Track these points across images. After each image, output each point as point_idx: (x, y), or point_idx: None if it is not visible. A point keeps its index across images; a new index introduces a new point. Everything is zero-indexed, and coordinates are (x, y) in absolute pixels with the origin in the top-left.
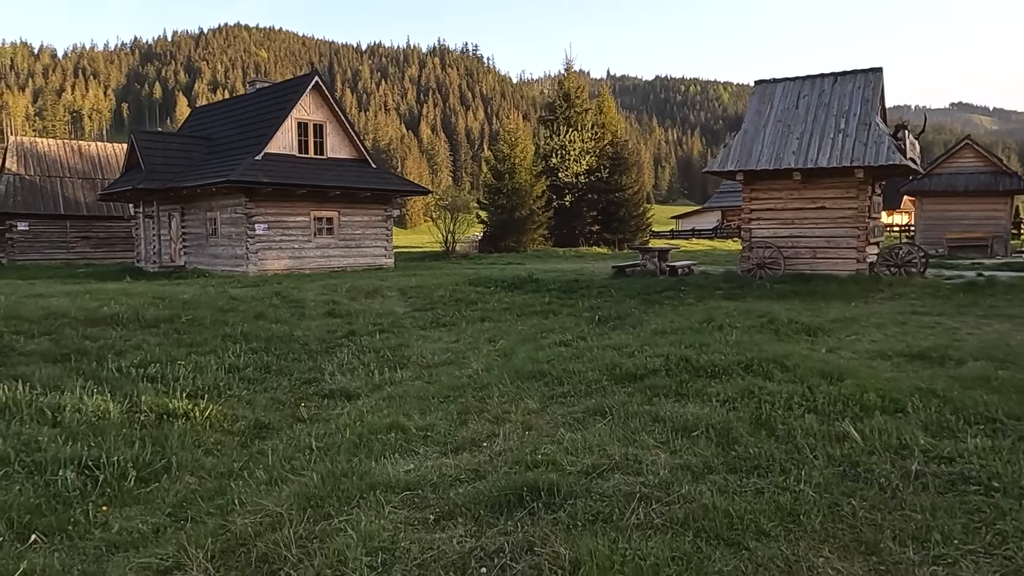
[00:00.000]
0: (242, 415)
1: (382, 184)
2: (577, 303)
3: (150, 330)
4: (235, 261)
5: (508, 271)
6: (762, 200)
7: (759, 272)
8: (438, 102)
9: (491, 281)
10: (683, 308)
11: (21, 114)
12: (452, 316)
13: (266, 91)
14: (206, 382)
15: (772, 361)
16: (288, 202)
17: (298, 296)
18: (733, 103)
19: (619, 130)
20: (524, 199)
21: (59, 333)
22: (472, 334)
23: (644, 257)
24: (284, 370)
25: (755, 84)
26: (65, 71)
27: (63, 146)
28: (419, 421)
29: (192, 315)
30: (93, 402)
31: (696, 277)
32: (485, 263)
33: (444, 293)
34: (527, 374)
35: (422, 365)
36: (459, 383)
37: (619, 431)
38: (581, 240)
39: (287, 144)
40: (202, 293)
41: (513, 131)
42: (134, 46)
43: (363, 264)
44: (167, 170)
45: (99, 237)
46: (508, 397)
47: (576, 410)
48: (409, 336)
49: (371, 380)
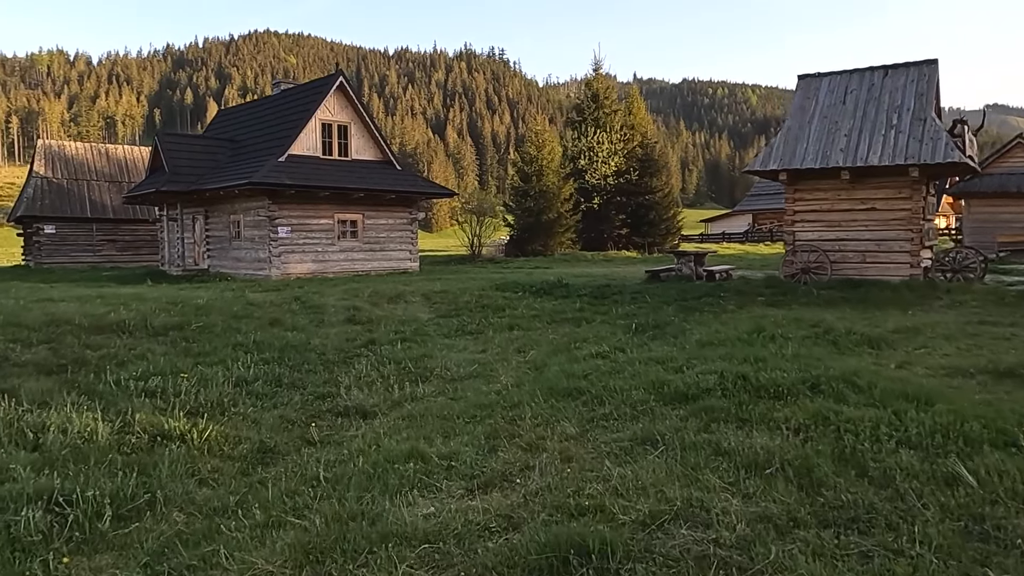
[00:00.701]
0: (246, 436)
1: (407, 186)
2: (610, 310)
3: (157, 338)
4: (258, 264)
5: (536, 275)
6: (807, 201)
7: (803, 277)
8: (464, 106)
9: (519, 286)
10: (725, 316)
11: (57, 120)
12: (478, 323)
13: (290, 92)
14: (210, 397)
15: (841, 379)
16: (311, 204)
17: (318, 301)
18: (761, 106)
19: (649, 131)
20: (551, 202)
21: (59, 341)
22: (500, 343)
23: (679, 261)
24: (297, 383)
25: (798, 79)
26: (99, 78)
27: (90, 149)
28: (442, 447)
29: (203, 322)
30: (81, 421)
31: (735, 282)
32: (511, 267)
33: (470, 299)
34: (562, 391)
35: (446, 378)
36: (487, 400)
37: (676, 466)
38: (609, 244)
39: (311, 145)
40: (218, 298)
41: (540, 132)
42: (166, 53)
43: (387, 268)
44: (191, 172)
45: (125, 240)
46: (542, 419)
47: (622, 437)
48: (433, 345)
49: (390, 395)
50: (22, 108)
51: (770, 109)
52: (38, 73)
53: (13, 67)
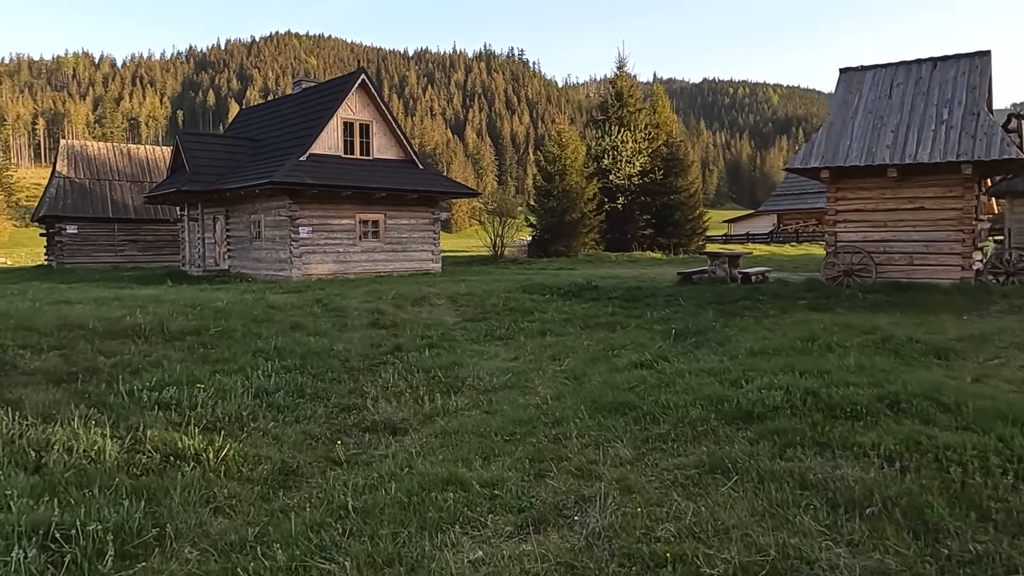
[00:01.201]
0: (266, 456)
1: (429, 185)
2: (645, 314)
3: (173, 344)
4: (278, 265)
5: (562, 277)
6: (850, 200)
7: (846, 280)
8: (484, 107)
9: (546, 288)
10: (768, 321)
11: (82, 121)
12: (508, 328)
13: (312, 91)
14: (228, 410)
15: (923, 396)
16: (333, 204)
17: (340, 304)
18: (783, 105)
19: (674, 130)
20: (575, 201)
21: (71, 348)
22: (532, 350)
23: (713, 263)
24: (320, 394)
25: (840, 72)
26: (124, 79)
27: (112, 149)
28: (482, 472)
29: (222, 326)
30: (88, 438)
31: (773, 285)
32: (535, 268)
33: (497, 301)
34: (608, 406)
35: (479, 389)
36: (526, 415)
37: (758, 502)
38: (634, 244)
39: (332, 144)
40: (238, 300)
41: (563, 131)
42: (189, 55)
43: (409, 269)
44: (212, 172)
45: (146, 240)
46: (590, 438)
47: (686, 463)
48: (462, 352)
49: (420, 408)
50: (48, 110)
51: (792, 109)
52: (64, 75)
53: (40, 69)
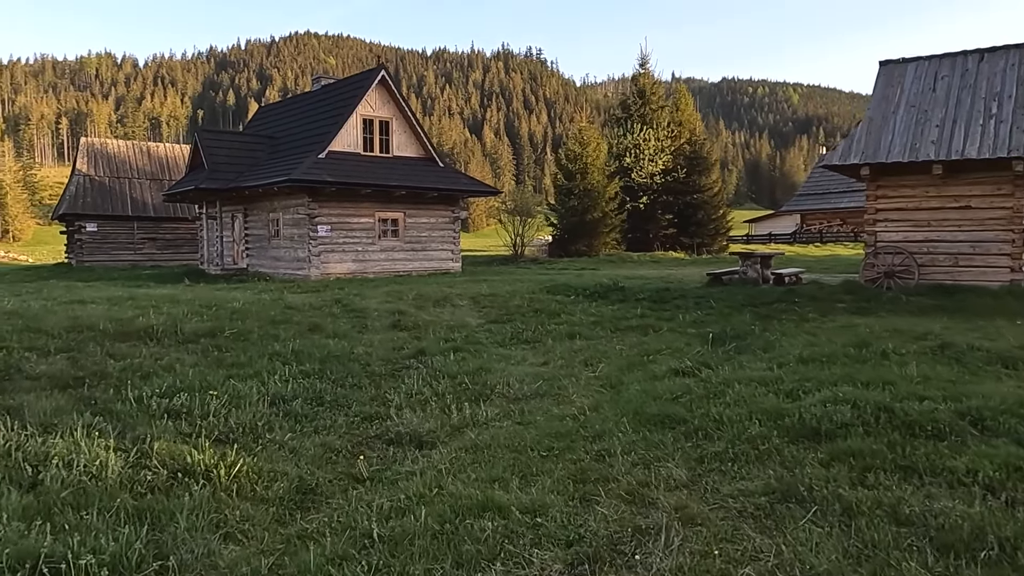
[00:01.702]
0: (282, 471)
1: (450, 184)
2: (676, 316)
3: (187, 346)
4: (297, 264)
5: (586, 277)
6: (891, 199)
7: (886, 282)
8: (501, 106)
9: (570, 289)
10: (809, 326)
11: (104, 121)
12: (535, 331)
13: (331, 87)
14: (242, 420)
15: (1009, 413)
16: (352, 202)
17: (360, 304)
18: (803, 104)
19: (697, 128)
20: (596, 201)
21: (80, 350)
22: (562, 354)
23: (744, 264)
24: (340, 401)
25: (880, 65)
26: (145, 80)
27: (132, 147)
28: (521, 495)
29: (238, 328)
30: (91, 451)
31: (808, 287)
32: (557, 268)
33: (521, 302)
34: (653, 418)
35: (509, 397)
36: (563, 428)
37: (848, 541)
38: (656, 244)
39: (351, 142)
40: (255, 301)
41: (585, 129)
42: (209, 55)
43: (429, 268)
44: (230, 170)
45: (165, 239)
46: (638, 456)
47: (751, 489)
48: (488, 356)
49: (448, 419)
50: (71, 110)
51: (812, 108)
52: (87, 75)
53: (63, 70)
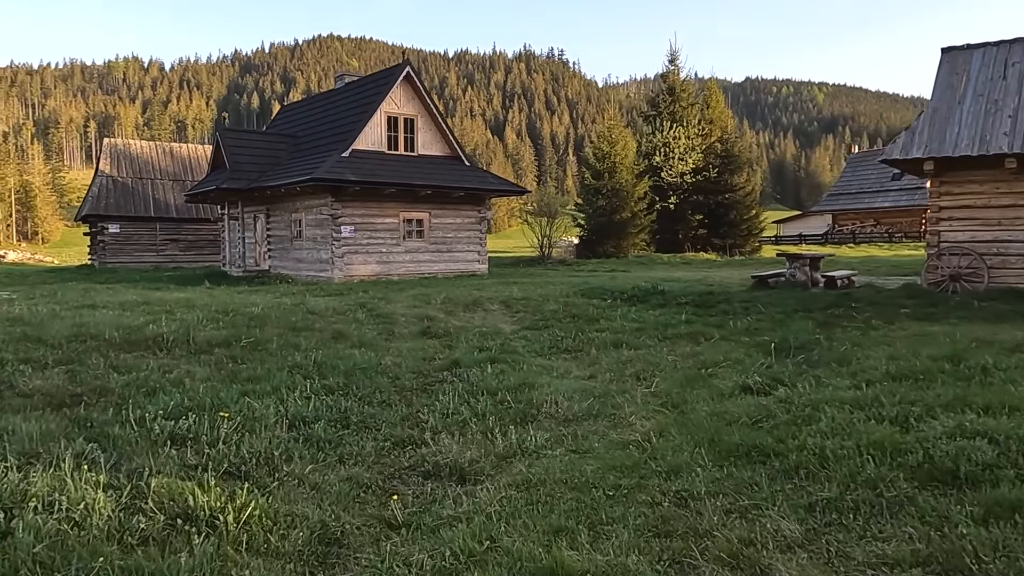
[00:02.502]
0: (302, 515)
1: (477, 183)
2: (726, 323)
3: (199, 358)
4: (320, 266)
5: (620, 280)
6: (956, 195)
7: (952, 286)
8: (523, 107)
9: (605, 292)
10: (877, 334)
11: (131, 124)
12: (575, 339)
13: (354, 85)
14: (256, 448)
15: None
16: (376, 202)
17: (386, 309)
18: (828, 104)
19: (728, 126)
20: (625, 200)
21: (81, 362)
22: (609, 366)
23: (792, 265)
24: (368, 422)
25: (942, 52)
26: (171, 83)
27: (155, 148)
28: (595, 555)
29: (256, 336)
30: (77, 489)
31: (863, 291)
32: (586, 270)
33: (556, 307)
34: (734, 449)
35: (558, 418)
36: (627, 459)
37: None
38: (686, 245)
39: (375, 140)
40: (275, 305)
41: (613, 127)
42: (234, 58)
43: (455, 270)
44: (252, 169)
45: (188, 240)
46: (729, 500)
47: (896, 556)
48: (528, 368)
49: (492, 445)
50: (99, 113)
51: (838, 107)
52: (114, 79)
53: (92, 74)
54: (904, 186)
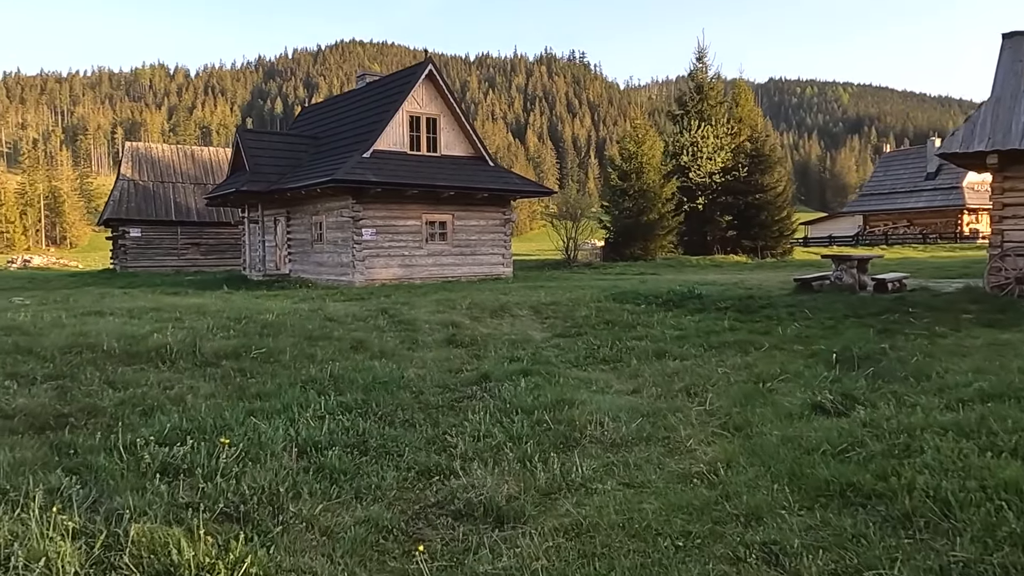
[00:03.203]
0: (308, 570)
1: (501, 184)
2: (773, 330)
3: (205, 371)
4: (340, 270)
5: (651, 284)
6: (1021, 192)
7: (1018, 288)
8: (544, 110)
9: (638, 296)
10: (946, 343)
11: (157, 130)
12: (612, 348)
13: (376, 84)
14: (259, 482)
15: None
16: (398, 204)
17: (409, 315)
18: (854, 104)
19: (758, 124)
20: (652, 201)
21: (74, 377)
22: (654, 379)
23: (839, 268)
24: (389, 447)
25: (1004, 38)
26: (196, 89)
27: (176, 151)
28: None
29: (268, 346)
30: (43, 538)
31: (917, 295)
32: (614, 273)
33: (588, 312)
34: (822, 486)
35: (604, 443)
36: (694, 497)
37: None
38: (716, 247)
39: (397, 140)
40: (292, 312)
41: (640, 127)
42: (258, 64)
43: (479, 274)
44: (272, 171)
45: (209, 244)
46: (833, 559)
47: None
48: (565, 382)
49: (532, 477)
50: (126, 120)
51: (863, 107)
52: (141, 86)
53: (119, 81)
54: (938, 186)
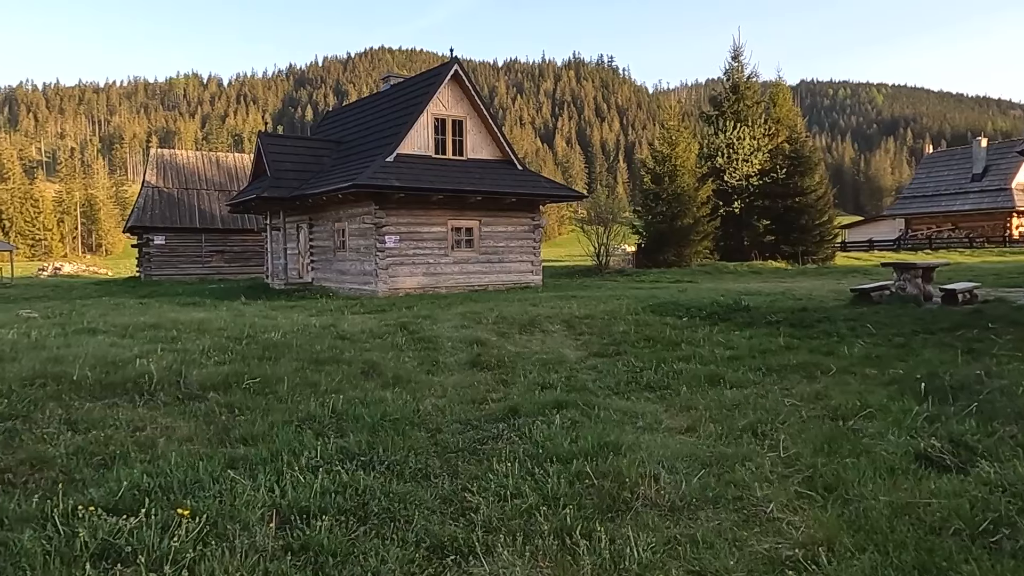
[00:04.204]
0: None
1: (530, 188)
2: (837, 349)
3: (187, 406)
4: (363, 278)
5: (691, 293)
6: None
7: None
8: (573, 115)
9: (679, 308)
10: None
11: (191, 139)
12: (657, 371)
13: (400, 86)
14: (223, 570)
15: None
16: (423, 209)
17: (430, 331)
18: (888, 106)
19: (797, 125)
20: (687, 205)
21: (29, 417)
22: (711, 413)
23: (902, 276)
24: (395, 509)
25: None
26: (229, 98)
27: (201, 157)
28: None
29: (266, 373)
30: None
31: (994, 306)
32: (648, 281)
33: (626, 328)
34: None
35: (661, 505)
36: None
37: None
38: (753, 253)
39: (422, 143)
40: (302, 328)
41: (673, 128)
42: (289, 72)
43: (507, 282)
44: (295, 177)
45: (234, 251)
46: None
47: None
48: (607, 417)
49: (573, 562)
50: (161, 128)
51: (898, 109)
52: (175, 96)
53: (154, 91)
54: (985, 188)
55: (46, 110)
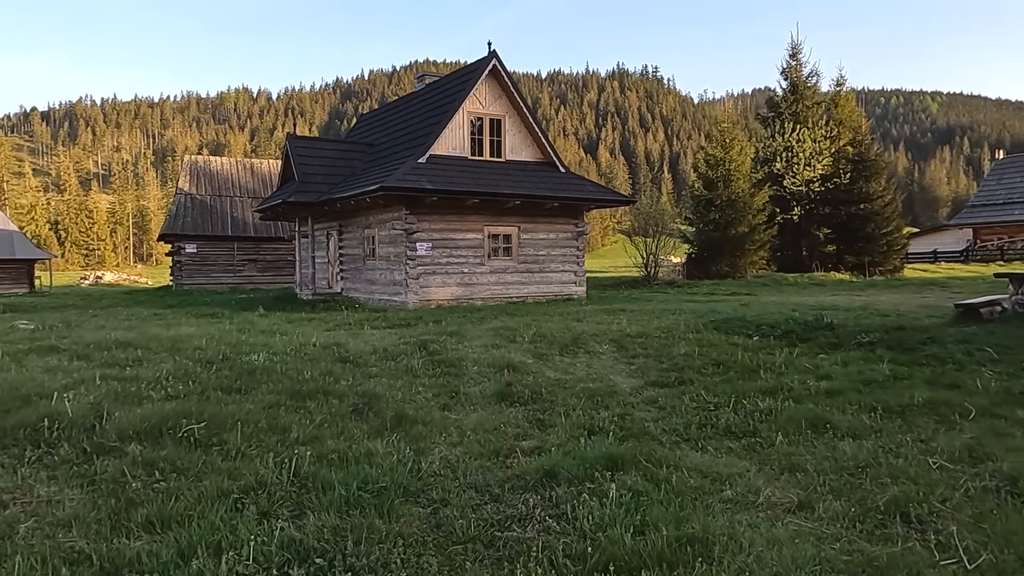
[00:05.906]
0: None
1: (574, 192)
2: (962, 381)
3: (92, 464)
4: (393, 289)
5: (755, 308)
6: None
7: None
8: (617, 125)
9: (746, 325)
10: None
11: (240, 151)
12: (736, 409)
13: (435, 85)
14: None
15: None
16: (457, 215)
17: (454, 352)
18: (943, 114)
19: (862, 127)
20: (742, 213)
21: None
22: (828, 481)
23: (1020, 290)
24: None
25: None
26: (277, 111)
27: (234, 164)
28: None
29: (222, 412)
30: None
31: None
32: (702, 293)
33: (688, 349)
34: None
35: None
36: None
37: None
38: (814, 264)
39: (457, 144)
40: (299, 347)
41: (727, 130)
42: (336, 86)
43: (547, 293)
44: (324, 181)
45: (266, 260)
46: None
47: None
48: (681, 483)
49: None
50: (211, 141)
51: (954, 117)
52: (226, 109)
53: (206, 105)
54: None
55: (103, 124)
